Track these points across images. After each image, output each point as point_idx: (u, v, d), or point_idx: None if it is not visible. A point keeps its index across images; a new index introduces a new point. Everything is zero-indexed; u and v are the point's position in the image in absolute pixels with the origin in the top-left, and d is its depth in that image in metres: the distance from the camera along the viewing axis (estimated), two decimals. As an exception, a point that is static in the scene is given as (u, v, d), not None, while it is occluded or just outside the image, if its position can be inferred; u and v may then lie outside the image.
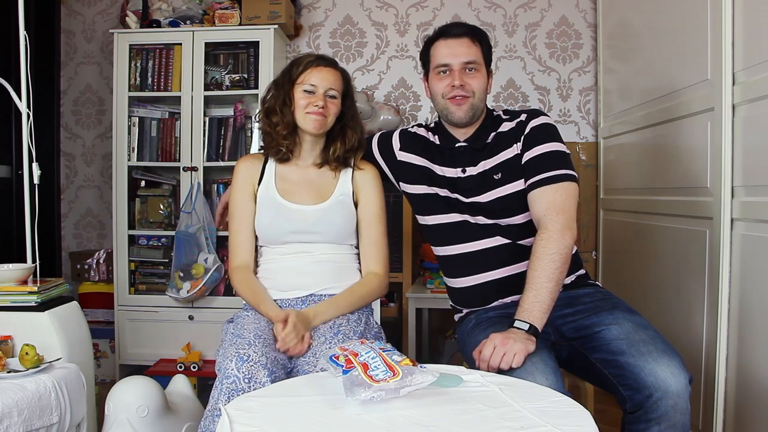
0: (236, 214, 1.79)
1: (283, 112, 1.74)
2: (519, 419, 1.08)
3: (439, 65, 1.69)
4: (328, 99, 1.72)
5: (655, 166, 2.40)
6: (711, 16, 1.93)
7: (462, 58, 1.66)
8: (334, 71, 1.75)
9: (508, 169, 1.67)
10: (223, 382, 1.41)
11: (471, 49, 1.67)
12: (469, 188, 1.70)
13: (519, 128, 1.69)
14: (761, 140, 1.72)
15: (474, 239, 1.69)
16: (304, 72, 1.73)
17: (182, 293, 2.93)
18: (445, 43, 1.69)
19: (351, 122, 1.80)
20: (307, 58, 1.76)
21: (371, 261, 1.78)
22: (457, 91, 1.66)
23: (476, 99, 1.67)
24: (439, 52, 1.69)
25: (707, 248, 1.96)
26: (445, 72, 1.68)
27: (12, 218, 3.03)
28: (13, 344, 1.84)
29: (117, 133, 3.11)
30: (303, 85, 1.72)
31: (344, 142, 1.78)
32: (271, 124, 1.77)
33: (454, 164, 1.73)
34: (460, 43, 1.67)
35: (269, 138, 1.78)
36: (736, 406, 1.84)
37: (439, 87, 1.69)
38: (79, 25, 3.56)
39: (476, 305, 1.72)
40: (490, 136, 1.71)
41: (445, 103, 1.69)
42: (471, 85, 1.66)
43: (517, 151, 1.67)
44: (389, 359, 1.20)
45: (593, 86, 3.26)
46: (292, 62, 1.79)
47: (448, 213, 1.73)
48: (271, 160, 1.81)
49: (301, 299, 1.72)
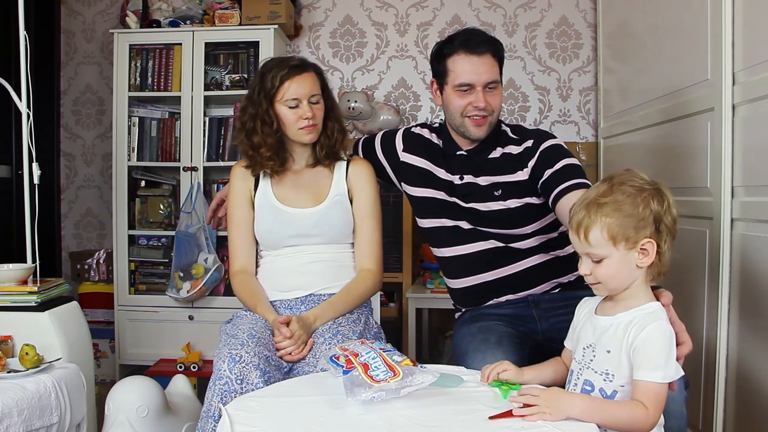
0: (234, 220, 1.78)
1: (264, 132, 1.68)
2: (519, 419, 1.08)
3: (462, 84, 1.63)
4: (313, 106, 1.69)
5: (655, 166, 2.40)
6: (711, 16, 1.93)
7: (486, 77, 1.63)
8: (309, 74, 1.69)
9: (510, 188, 1.67)
10: (216, 383, 1.41)
11: (494, 68, 1.65)
12: (467, 194, 1.70)
13: (526, 154, 1.67)
14: (761, 140, 1.72)
15: (468, 242, 1.71)
16: (281, 86, 1.66)
17: (182, 293, 2.93)
18: (468, 60, 1.62)
19: (331, 114, 1.77)
20: (279, 70, 1.66)
21: (364, 257, 1.77)
22: (479, 112, 1.63)
23: (494, 116, 1.67)
24: (462, 69, 1.63)
25: (707, 248, 1.96)
26: (466, 90, 1.64)
27: (12, 218, 3.03)
28: (13, 344, 1.84)
29: (117, 133, 3.11)
30: (284, 101, 1.67)
31: (327, 136, 1.75)
32: (253, 146, 1.71)
33: (452, 170, 1.74)
34: (483, 61, 1.63)
35: (253, 160, 1.73)
36: (736, 406, 1.84)
37: (460, 104, 1.65)
38: (79, 25, 3.56)
39: (472, 305, 1.76)
40: (493, 150, 1.71)
41: (464, 121, 1.66)
42: (492, 104, 1.65)
43: (523, 176, 1.66)
44: (389, 359, 1.20)
45: (593, 86, 3.26)
46: (261, 74, 1.69)
47: (442, 217, 1.74)
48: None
49: (300, 299, 1.72)
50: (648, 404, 1.08)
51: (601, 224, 1.13)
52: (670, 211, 1.15)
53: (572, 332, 1.30)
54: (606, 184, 1.17)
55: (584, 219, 1.14)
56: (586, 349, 1.21)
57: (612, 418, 1.09)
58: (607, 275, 1.15)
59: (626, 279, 1.15)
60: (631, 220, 1.12)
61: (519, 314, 1.68)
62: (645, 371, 1.09)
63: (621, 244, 1.12)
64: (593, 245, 1.14)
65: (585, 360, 1.20)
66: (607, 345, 1.16)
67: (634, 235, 1.12)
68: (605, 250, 1.13)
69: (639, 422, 1.08)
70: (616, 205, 1.13)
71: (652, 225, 1.13)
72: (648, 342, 1.10)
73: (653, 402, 1.08)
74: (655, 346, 1.10)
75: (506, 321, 1.64)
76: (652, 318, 1.13)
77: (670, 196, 1.16)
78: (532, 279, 1.69)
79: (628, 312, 1.16)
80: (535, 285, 1.69)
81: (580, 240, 1.15)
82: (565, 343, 1.32)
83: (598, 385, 1.16)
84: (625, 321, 1.15)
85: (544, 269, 1.68)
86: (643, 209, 1.13)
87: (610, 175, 1.20)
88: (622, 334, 1.13)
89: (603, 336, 1.17)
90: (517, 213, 1.66)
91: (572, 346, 1.28)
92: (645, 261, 1.14)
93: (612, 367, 1.14)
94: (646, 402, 1.08)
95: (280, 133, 1.71)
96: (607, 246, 1.13)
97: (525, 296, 1.69)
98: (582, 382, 1.19)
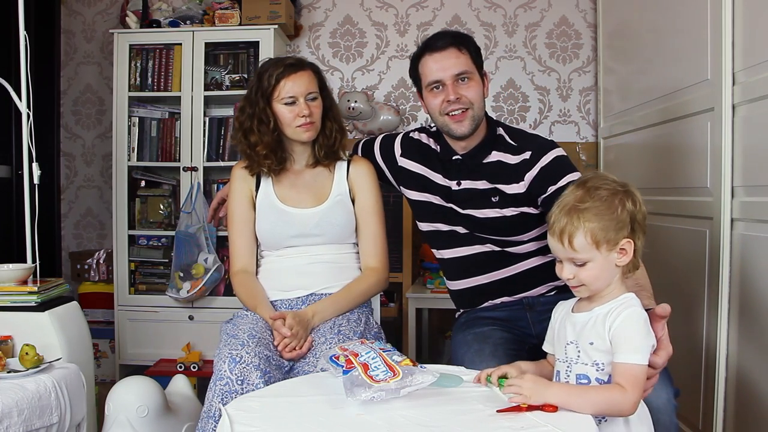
0: (235, 220, 1.78)
1: (261, 131, 1.69)
2: (519, 419, 1.08)
3: (431, 82, 1.64)
4: (310, 103, 1.69)
5: (655, 166, 2.40)
6: (711, 16, 1.93)
7: (452, 71, 1.62)
8: (306, 72, 1.70)
9: (506, 198, 1.66)
10: (217, 383, 1.41)
11: (459, 59, 1.63)
12: (464, 200, 1.70)
13: (523, 166, 1.65)
14: (761, 140, 1.72)
15: (465, 245, 1.72)
16: (278, 85, 1.67)
17: (182, 293, 2.93)
18: (431, 57, 1.64)
19: (330, 113, 1.76)
20: (275, 69, 1.68)
21: (369, 256, 1.77)
22: (454, 106, 1.62)
23: (476, 109, 1.64)
24: (428, 68, 1.64)
25: (707, 248, 1.96)
26: (438, 88, 1.64)
27: (12, 218, 3.03)
28: (13, 344, 1.84)
29: (117, 133, 3.11)
30: (281, 99, 1.67)
31: (326, 136, 1.75)
32: (250, 145, 1.71)
33: (450, 176, 1.73)
34: (446, 55, 1.62)
35: (250, 159, 1.74)
36: (736, 406, 1.84)
37: (435, 104, 1.65)
38: (79, 25, 3.56)
39: (469, 306, 1.77)
40: (488, 155, 1.70)
41: (444, 119, 1.65)
42: (467, 96, 1.62)
43: (519, 189, 1.64)
44: (389, 359, 1.20)
45: (593, 86, 3.26)
46: (259, 74, 1.71)
47: (438, 222, 1.74)
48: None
49: (301, 299, 1.72)
50: (626, 385, 1.11)
51: (584, 230, 1.16)
52: (641, 209, 1.20)
53: (550, 335, 1.33)
54: (581, 189, 1.20)
55: (567, 225, 1.17)
56: (569, 346, 1.23)
57: (587, 402, 1.11)
58: (591, 277, 1.18)
59: (608, 279, 1.20)
60: (611, 223, 1.16)
61: (513, 317, 1.68)
62: (622, 354, 1.13)
63: (603, 246, 1.16)
64: (578, 250, 1.17)
65: (571, 357, 1.22)
66: (589, 338, 1.19)
67: (615, 236, 1.16)
68: (589, 254, 1.17)
69: (617, 404, 1.11)
70: (596, 209, 1.16)
71: (629, 225, 1.18)
72: (624, 326, 1.14)
73: (631, 383, 1.11)
74: (630, 328, 1.14)
75: (500, 325, 1.65)
76: (626, 305, 1.17)
77: (638, 194, 1.21)
78: (528, 282, 1.69)
79: (605, 305, 1.19)
80: (530, 288, 1.69)
81: (564, 246, 1.18)
82: (544, 347, 1.34)
83: (593, 376, 1.18)
84: (603, 312, 1.18)
85: (540, 272, 1.68)
86: (621, 211, 1.17)
87: (582, 179, 1.24)
88: (602, 324, 1.17)
89: (583, 331, 1.20)
90: (513, 221, 1.66)
91: (551, 349, 1.31)
92: (623, 260, 1.19)
93: (599, 357, 1.17)
94: (624, 383, 1.11)
95: (277, 132, 1.72)
96: (591, 250, 1.16)
97: (520, 299, 1.69)
98: (574, 378, 1.21)
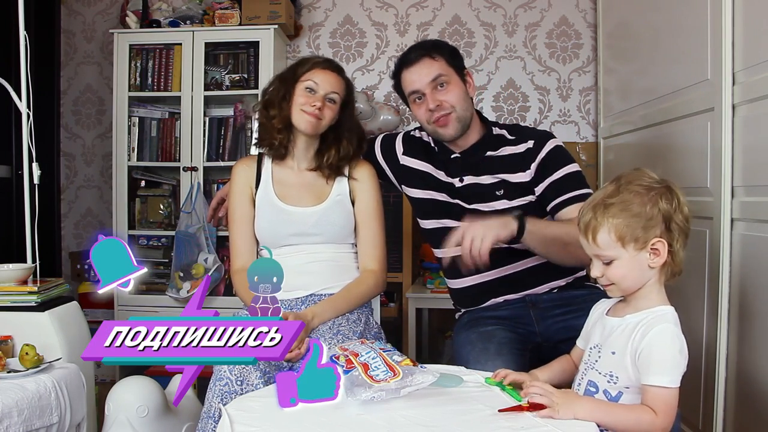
0: (235, 218, 1.79)
1: (282, 107, 1.74)
2: (519, 419, 1.08)
3: (410, 94, 1.71)
4: (327, 102, 1.72)
5: (655, 166, 2.38)
6: (711, 16, 1.92)
7: (426, 78, 1.67)
8: (339, 77, 1.75)
9: (512, 188, 1.68)
10: (216, 383, 1.41)
11: (432, 67, 1.67)
12: (470, 195, 1.71)
13: (529, 155, 1.69)
14: (761, 140, 1.72)
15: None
16: (309, 71, 1.73)
17: (182, 293, 2.93)
18: (407, 71, 1.70)
19: (347, 132, 1.78)
20: (316, 58, 1.78)
21: (368, 258, 1.78)
22: (436, 113, 1.66)
23: (459, 110, 1.67)
24: (406, 81, 1.71)
25: (707, 248, 1.96)
26: (420, 98, 1.69)
27: (12, 218, 3.02)
28: (13, 344, 1.83)
29: (117, 133, 3.11)
30: (305, 82, 1.72)
31: (338, 150, 1.77)
32: (268, 116, 1.76)
33: (451, 173, 1.75)
34: (420, 66, 1.68)
35: (264, 130, 1.78)
36: (736, 406, 1.84)
37: (420, 114, 1.71)
38: (79, 25, 3.56)
39: (471, 305, 1.76)
40: (487, 153, 1.72)
41: (432, 127, 1.71)
42: (447, 100, 1.66)
43: (526, 177, 1.68)
44: (390, 359, 1.20)
45: (593, 86, 3.26)
46: (300, 60, 1.80)
47: (444, 218, 1.74)
48: (266, 161, 1.80)
49: (301, 299, 1.72)
50: (657, 410, 1.06)
51: (608, 225, 1.11)
52: (681, 209, 1.13)
53: (585, 331, 1.29)
54: (614, 185, 1.16)
55: (591, 221, 1.13)
56: (592, 350, 1.20)
57: (615, 421, 1.08)
58: (619, 276, 1.13)
59: (638, 279, 1.14)
60: (638, 219, 1.10)
61: (516, 315, 1.68)
62: (651, 375, 1.07)
63: (630, 244, 1.11)
64: (601, 247, 1.12)
65: (590, 360, 1.20)
66: (612, 346, 1.15)
67: (643, 234, 1.11)
68: (614, 251, 1.12)
69: (644, 427, 1.07)
70: (623, 205, 1.11)
71: (662, 224, 1.11)
72: (654, 345, 1.09)
73: (662, 407, 1.06)
74: (660, 349, 1.08)
75: (504, 324, 1.64)
76: (659, 320, 1.11)
77: (680, 194, 1.15)
78: (532, 279, 1.69)
79: (638, 314, 1.14)
80: (534, 285, 1.69)
81: (589, 242, 1.14)
82: (577, 342, 1.32)
83: (602, 386, 1.16)
84: (633, 322, 1.13)
85: (544, 269, 1.68)
86: (651, 208, 1.11)
87: (619, 175, 1.18)
88: (627, 336, 1.12)
89: (610, 337, 1.16)
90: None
91: (584, 345, 1.28)
92: (657, 261, 1.12)
93: (616, 369, 1.13)
94: (655, 407, 1.07)
95: (290, 113, 1.74)
96: (616, 247, 1.11)
97: (523, 296, 1.69)
98: (586, 382, 1.19)
